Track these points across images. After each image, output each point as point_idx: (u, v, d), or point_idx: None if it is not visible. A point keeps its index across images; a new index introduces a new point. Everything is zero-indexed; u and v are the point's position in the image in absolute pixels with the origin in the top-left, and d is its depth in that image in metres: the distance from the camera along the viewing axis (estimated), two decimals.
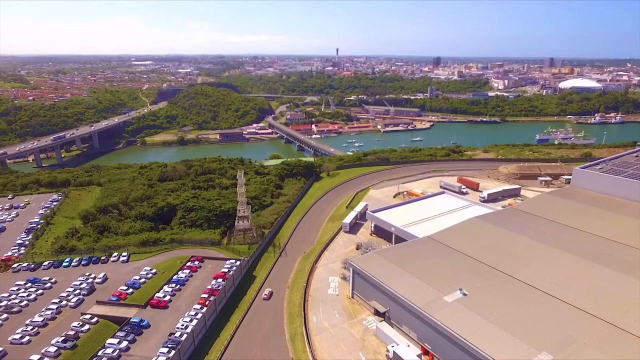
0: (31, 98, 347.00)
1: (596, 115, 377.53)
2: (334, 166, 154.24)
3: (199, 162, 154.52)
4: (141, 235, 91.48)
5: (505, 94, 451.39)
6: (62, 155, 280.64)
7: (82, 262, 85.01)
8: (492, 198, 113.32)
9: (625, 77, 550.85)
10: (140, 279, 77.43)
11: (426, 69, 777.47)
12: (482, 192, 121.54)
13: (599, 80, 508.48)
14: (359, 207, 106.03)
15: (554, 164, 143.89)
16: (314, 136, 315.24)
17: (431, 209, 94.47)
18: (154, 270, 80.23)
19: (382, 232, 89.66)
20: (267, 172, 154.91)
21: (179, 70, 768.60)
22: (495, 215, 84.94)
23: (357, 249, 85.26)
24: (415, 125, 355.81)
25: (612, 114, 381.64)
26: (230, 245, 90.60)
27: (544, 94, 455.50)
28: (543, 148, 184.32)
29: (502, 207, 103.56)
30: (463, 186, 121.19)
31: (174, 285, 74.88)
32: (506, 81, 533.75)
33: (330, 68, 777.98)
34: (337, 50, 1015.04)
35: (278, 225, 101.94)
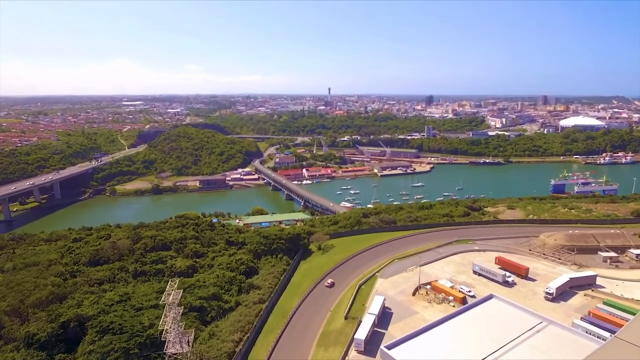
0: None
1: (605, 155, 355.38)
2: (327, 235, 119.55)
3: (152, 232, 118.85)
4: None
5: (505, 133, 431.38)
6: (14, 209, 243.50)
7: None
8: (560, 292, 78.97)
9: (624, 115, 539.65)
10: None
11: (419, 107, 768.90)
12: (535, 279, 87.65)
13: (598, 118, 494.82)
14: (375, 307, 71.88)
15: (612, 231, 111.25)
16: (304, 182, 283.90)
17: (482, 336, 59.07)
18: None
19: None
20: (243, 240, 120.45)
21: (168, 110, 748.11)
22: None
23: None
24: (414, 168, 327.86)
25: (620, 153, 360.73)
26: None
27: (545, 132, 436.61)
28: (578, 202, 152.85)
29: (583, 318, 68.93)
30: (507, 273, 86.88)
31: None
32: (503, 119, 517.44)
33: (322, 107, 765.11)
34: (329, 89, 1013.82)
35: (241, 355, 65.37)
